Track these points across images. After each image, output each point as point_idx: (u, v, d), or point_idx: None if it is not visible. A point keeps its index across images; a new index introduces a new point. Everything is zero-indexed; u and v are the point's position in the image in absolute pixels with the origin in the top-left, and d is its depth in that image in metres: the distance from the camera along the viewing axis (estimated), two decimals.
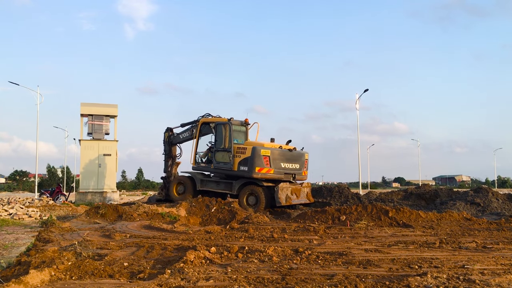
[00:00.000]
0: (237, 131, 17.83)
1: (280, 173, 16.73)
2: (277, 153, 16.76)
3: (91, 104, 26.17)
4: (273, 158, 16.46)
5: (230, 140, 17.15)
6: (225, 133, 17.44)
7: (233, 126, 17.37)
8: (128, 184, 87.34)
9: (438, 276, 5.61)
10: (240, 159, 16.70)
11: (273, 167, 16.45)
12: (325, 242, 9.09)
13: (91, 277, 5.79)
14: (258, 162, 16.24)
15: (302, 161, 17.55)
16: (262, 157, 16.29)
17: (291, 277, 5.70)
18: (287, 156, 17.03)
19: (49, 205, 19.88)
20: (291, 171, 17.10)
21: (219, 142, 17.57)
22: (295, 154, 17.41)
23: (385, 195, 21.07)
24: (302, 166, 17.50)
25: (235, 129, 17.59)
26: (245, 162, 16.55)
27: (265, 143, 17.35)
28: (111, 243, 9.01)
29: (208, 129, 18.42)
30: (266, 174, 16.46)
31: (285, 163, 16.89)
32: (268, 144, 17.25)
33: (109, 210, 14.54)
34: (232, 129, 17.27)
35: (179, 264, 6.43)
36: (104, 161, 25.22)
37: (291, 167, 17.10)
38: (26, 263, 6.39)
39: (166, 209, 15.01)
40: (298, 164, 17.38)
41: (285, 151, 17.10)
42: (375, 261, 6.85)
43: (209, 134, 18.49)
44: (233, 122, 17.50)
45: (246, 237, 9.98)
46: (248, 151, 16.53)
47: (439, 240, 9.06)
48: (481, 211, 16.21)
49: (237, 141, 17.51)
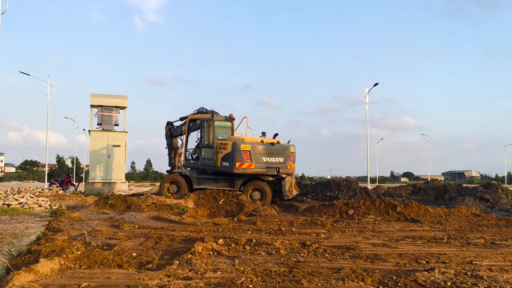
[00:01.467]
0: (221, 126, 17.83)
1: (262, 168, 16.64)
2: (258, 147, 16.66)
3: (101, 95, 26.30)
4: (254, 153, 16.41)
5: (213, 136, 17.25)
6: (208, 129, 17.57)
7: (216, 122, 17.51)
8: (137, 175, 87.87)
9: (446, 271, 5.60)
10: (222, 155, 16.78)
11: (254, 162, 16.42)
12: (333, 236, 9.09)
13: (100, 267, 5.85)
14: (238, 157, 16.25)
15: (286, 155, 17.31)
16: (242, 152, 16.26)
17: (298, 270, 5.72)
18: (269, 150, 16.87)
19: (58, 195, 20.04)
20: (274, 164, 16.92)
21: (204, 138, 17.73)
22: (278, 148, 17.22)
23: (393, 190, 21.00)
24: (286, 160, 17.26)
25: (219, 125, 17.68)
26: (226, 158, 16.61)
27: (247, 137, 17.31)
28: (119, 233, 9.09)
29: (196, 125, 18.54)
30: (247, 169, 16.44)
31: (267, 157, 16.76)
32: (250, 138, 17.22)
33: (118, 201, 14.64)
34: (216, 125, 17.39)
35: (187, 255, 6.47)
36: (113, 152, 25.37)
37: (274, 161, 16.92)
38: (36, 252, 6.46)
39: (174, 200, 15.08)
40: (282, 158, 17.16)
41: (266, 145, 16.96)
42: (382, 255, 6.85)
43: (198, 130, 18.53)
44: (216, 118, 17.63)
45: (254, 229, 10.01)
46: (229, 147, 16.57)
47: (447, 236, 9.03)
48: (490, 207, 16.11)
49: (222, 137, 17.50)
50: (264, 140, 17.32)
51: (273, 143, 17.19)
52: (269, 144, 17.03)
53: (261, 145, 16.82)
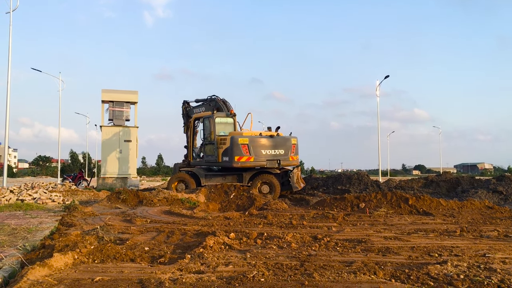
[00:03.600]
0: (223, 123, 17.87)
1: (261, 160, 16.65)
2: (257, 140, 16.66)
3: (112, 90, 26.43)
4: (252, 146, 16.43)
5: (214, 133, 17.35)
6: (209, 126, 17.67)
7: (218, 119, 17.59)
8: (148, 170, 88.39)
9: (459, 264, 5.56)
10: (222, 150, 16.83)
11: (253, 155, 16.44)
12: (344, 229, 9.07)
13: (113, 261, 5.90)
14: (237, 151, 16.32)
15: (287, 147, 17.19)
16: (240, 146, 16.32)
17: (309, 264, 5.72)
18: (268, 143, 16.85)
19: (71, 190, 20.23)
20: (274, 157, 16.87)
21: (206, 135, 17.83)
22: (278, 140, 17.12)
23: (405, 183, 20.87)
24: (288, 152, 17.16)
25: (220, 121, 17.75)
26: (226, 153, 16.67)
27: (246, 131, 17.31)
28: (132, 228, 9.15)
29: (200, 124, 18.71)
30: (246, 163, 16.48)
31: (266, 149, 16.73)
32: (248, 132, 17.20)
33: (130, 196, 14.74)
34: (217, 121, 17.49)
35: (198, 249, 6.50)
36: (124, 147, 25.52)
37: (274, 153, 16.85)
38: (50, 246, 6.54)
39: (186, 195, 15.15)
40: (283, 150, 17.05)
41: (265, 137, 16.93)
42: (394, 248, 6.82)
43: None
44: (217, 115, 17.72)
45: (265, 223, 10.02)
46: (228, 141, 16.62)
47: (460, 229, 8.96)
48: (503, 199, 15.95)
49: (224, 133, 17.55)
50: (263, 133, 17.30)
51: (272, 135, 17.14)
52: (268, 137, 17.00)
53: (260, 138, 16.82)
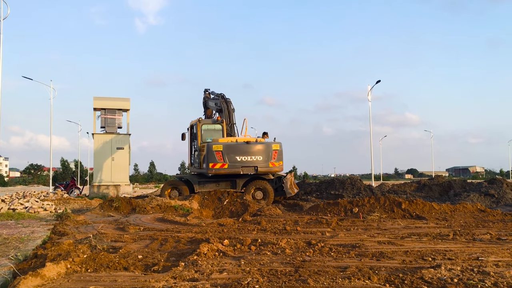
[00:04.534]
0: (211, 130, 17.97)
1: (236, 167, 16.47)
2: (231, 146, 16.55)
3: (104, 98, 26.35)
4: (226, 153, 16.35)
5: (200, 140, 17.58)
6: (196, 133, 17.90)
7: (205, 126, 17.79)
8: (141, 177, 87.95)
9: (452, 268, 5.59)
10: (202, 157, 16.93)
11: (228, 161, 16.35)
12: (338, 234, 9.08)
13: (106, 270, 5.86)
14: (211, 158, 16.33)
15: (266, 153, 16.79)
16: (214, 153, 16.28)
17: (304, 270, 5.71)
18: (243, 149, 16.62)
19: (63, 198, 20.10)
20: (250, 163, 16.59)
21: (195, 142, 18.10)
22: (256, 146, 16.83)
23: (398, 187, 20.94)
24: (267, 158, 16.76)
25: (208, 128, 17.90)
26: (204, 160, 16.73)
27: (226, 138, 17.30)
28: (125, 236, 9.10)
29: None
30: (220, 170, 16.42)
31: (241, 156, 16.53)
32: (225, 139, 17.17)
33: (123, 203, 14.67)
34: (205, 128, 17.71)
35: (192, 257, 6.48)
36: (117, 155, 25.42)
37: (250, 160, 16.60)
38: (42, 256, 6.48)
39: (179, 202, 15.11)
40: (261, 156, 16.71)
41: (240, 144, 16.75)
42: (388, 253, 6.83)
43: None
44: (204, 122, 17.92)
45: (259, 229, 10.01)
46: (205, 149, 16.65)
47: (453, 232, 9.01)
48: (495, 202, 16.05)
49: (211, 140, 17.60)
50: (239, 139, 17.19)
51: (249, 141, 16.87)
52: (244, 143, 16.78)
53: (235, 144, 16.70)
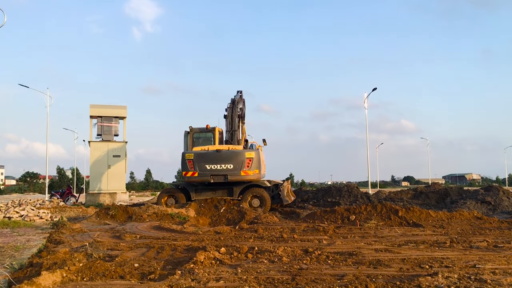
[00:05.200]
0: (202, 138, 18.03)
1: (206, 175, 16.33)
2: (201, 155, 16.47)
3: (100, 105, 26.35)
4: (197, 161, 16.29)
5: (188, 147, 17.65)
6: (188, 141, 18.04)
7: (196, 134, 17.97)
8: (137, 185, 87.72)
9: (449, 276, 5.58)
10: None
11: (198, 170, 16.28)
12: (335, 242, 9.07)
13: (102, 278, 5.83)
14: (184, 166, 16.41)
15: (238, 161, 16.41)
16: (186, 161, 16.35)
17: (301, 278, 5.70)
18: (213, 157, 16.42)
19: (59, 206, 20.01)
20: (220, 172, 16.35)
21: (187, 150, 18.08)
22: (226, 154, 16.50)
23: (394, 194, 20.96)
24: (239, 166, 16.36)
25: (199, 136, 18.02)
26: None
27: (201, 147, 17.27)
28: (121, 244, 9.06)
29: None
30: (191, 178, 16.43)
31: (211, 164, 16.34)
32: (199, 147, 17.18)
33: (119, 211, 14.61)
34: (196, 136, 17.83)
35: (189, 265, 6.45)
36: (113, 162, 25.36)
37: (219, 168, 16.35)
38: (38, 264, 6.44)
39: (176, 210, 15.06)
40: (232, 164, 16.39)
41: (211, 152, 16.58)
42: (385, 261, 6.83)
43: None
44: (194, 130, 17.99)
45: (256, 237, 9.99)
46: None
47: (449, 240, 9.01)
48: (492, 209, 16.08)
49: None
50: (211, 147, 17.06)
51: (219, 150, 16.70)
52: (215, 151, 16.60)
53: (205, 153, 16.58)
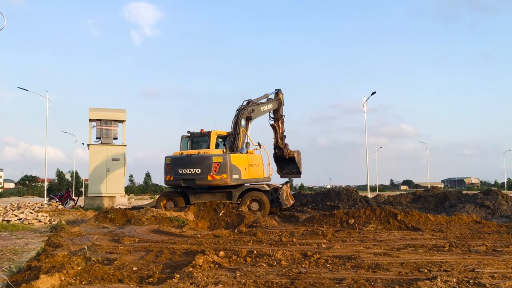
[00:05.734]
0: (200, 141, 18.07)
1: (178, 179, 16.54)
2: (176, 159, 16.76)
3: (100, 109, 26.32)
4: (172, 165, 16.64)
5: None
6: (184, 145, 18.28)
7: (194, 138, 18.11)
8: (136, 188, 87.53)
9: (448, 280, 5.58)
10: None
11: (173, 174, 16.60)
12: (334, 245, 9.06)
13: (101, 282, 5.82)
14: (165, 170, 16.91)
15: (206, 165, 16.31)
16: (166, 165, 16.80)
17: (300, 281, 5.69)
18: (184, 162, 16.60)
19: (58, 209, 19.96)
20: (189, 176, 16.44)
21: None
22: (195, 159, 16.55)
23: (393, 198, 20.96)
24: (207, 170, 16.24)
25: (197, 140, 18.12)
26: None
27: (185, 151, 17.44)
28: (120, 247, 9.05)
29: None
30: (168, 181, 16.95)
31: (182, 168, 16.51)
32: (179, 152, 17.45)
33: (118, 215, 14.59)
34: (194, 140, 17.98)
35: (188, 269, 6.45)
36: (112, 166, 25.31)
37: (189, 172, 16.43)
38: (36, 268, 6.43)
39: (175, 213, 15.04)
40: (199, 169, 16.36)
41: (183, 156, 16.80)
42: (384, 264, 6.83)
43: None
44: (194, 134, 18.09)
45: (255, 241, 9.98)
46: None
47: (448, 244, 9.01)
48: (490, 213, 16.08)
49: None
50: (185, 152, 17.21)
51: (191, 154, 16.80)
52: (186, 156, 16.77)
53: (179, 157, 16.86)
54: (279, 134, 20.49)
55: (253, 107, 18.72)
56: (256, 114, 18.95)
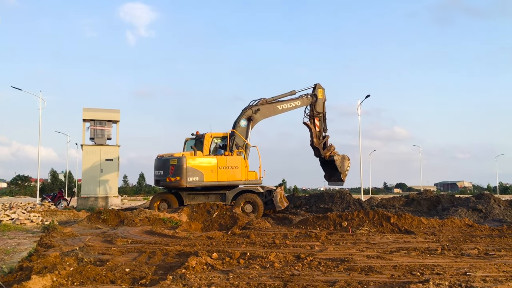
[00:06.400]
0: (197, 144, 18.25)
1: (155, 180, 18.11)
2: (155, 161, 17.96)
3: (94, 109, 26.22)
4: (153, 167, 17.94)
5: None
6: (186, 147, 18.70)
7: (191, 141, 18.53)
8: (130, 189, 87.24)
9: (440, 283, 5.60)
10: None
11: (153, 175, 17.89)
12: (327, 248, 9.08)
13: (93, 283, 5.79)
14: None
15: (166, 167, 17.15)
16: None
17: (293, 284, 5.69)
18: (156, 164, 17.91)
19: (50, 210, 19.87)
20: (158, 177, 17.66)
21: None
22: (160, 161, 17.66)
23: (386, 201, 21.01)
24: (166, 173, 17.08)
25: (194, 143, 18.38)
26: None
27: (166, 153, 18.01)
28: (112, 248, 9.02)
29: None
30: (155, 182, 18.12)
31: (155, 170, 17.90)
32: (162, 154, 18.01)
33: (111, 216, 14.53)
34: (192, 143, 18.30)
35: (181, 270, 6.43)
36: (106, 166, 25.21)
37: (157, 174, 17.66)
38: (28, 268, 6.39)
39: (168, 214, 15.00)
40: (162, 171, 17.30)
41: (156, 159, 17.92)
42: (377, 267, 6.84)
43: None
44: (198, 136, 18.40)
45: (248, 243, 9.97)
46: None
47: (441, 247, 9.05)
48: (483, 217, 16.16)
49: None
50: (160, 154, 17.95)
51: (162, 156, 17.66)
52: (158, 158, 17.84)
53: (156, 160, 17.96)
54: (314, 133, 19.36)
55: (261, 106, 18.37)
56: (266, 113, 18.58)
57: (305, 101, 19.34)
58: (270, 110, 18.64)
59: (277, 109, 18.70)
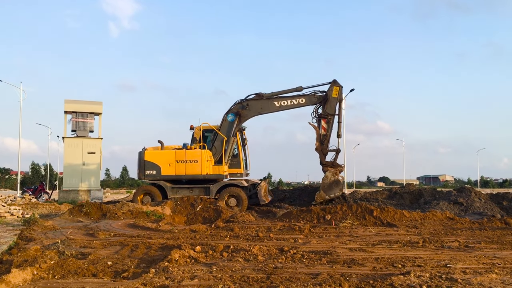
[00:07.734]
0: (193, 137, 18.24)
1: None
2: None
3: (75, 101, 25.88)
4: None
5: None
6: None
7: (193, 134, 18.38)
8: (112, 182, 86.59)
9: (421, 275, 5.67)
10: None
11: None
12: (310, 241, 9.12)
13: (74, 276, 5.74)
14: None
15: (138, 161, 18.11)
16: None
17: (276, 276, 5.71)
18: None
19: (31, 203, 19.62)
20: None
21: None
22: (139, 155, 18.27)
23: (370, 195, 21.16)
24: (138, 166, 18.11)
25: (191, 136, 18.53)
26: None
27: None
28: (94, 242, 8.94)
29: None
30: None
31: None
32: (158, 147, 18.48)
33: (93, 209, 14.39)
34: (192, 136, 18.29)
35: (163, 263, 6.40)
36: (88, 159, 24.95)
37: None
38: (8, 262, 6.30)
39: (151, 207, 14.91)
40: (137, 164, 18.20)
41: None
42: (359, 260, 6.90)
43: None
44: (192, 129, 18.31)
45: (231, 236, 9.97)
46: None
47: (422, 240, 9.16)
48: (464, 210, 16.38)
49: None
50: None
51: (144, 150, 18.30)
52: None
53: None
54: (317, 136, 17.25)
55: (252, 102, 17.37)
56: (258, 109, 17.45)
57: (312, 99, 17.34)
58: (264, 106, 17.35)
59: (273, 106, 17.30)
